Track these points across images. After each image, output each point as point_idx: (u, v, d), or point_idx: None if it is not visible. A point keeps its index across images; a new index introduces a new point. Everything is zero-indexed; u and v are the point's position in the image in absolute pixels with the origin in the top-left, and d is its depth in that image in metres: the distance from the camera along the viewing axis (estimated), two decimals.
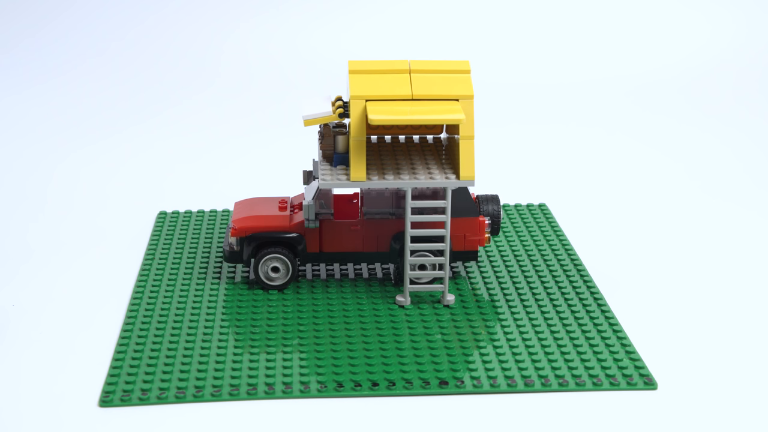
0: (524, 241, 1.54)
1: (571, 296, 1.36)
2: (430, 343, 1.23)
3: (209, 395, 1.12)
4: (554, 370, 1.17)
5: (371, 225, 1.36)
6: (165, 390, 1.12)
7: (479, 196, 1.40)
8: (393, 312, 1.31)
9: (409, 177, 1.27)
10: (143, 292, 1.36)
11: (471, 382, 1.14)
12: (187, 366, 1.17)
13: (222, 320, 1.28)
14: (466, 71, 1.29)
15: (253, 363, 1.18)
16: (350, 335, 1.24)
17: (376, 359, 1.19)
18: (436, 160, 1.32)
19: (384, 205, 1.37)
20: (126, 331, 1.25)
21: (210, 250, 1.49)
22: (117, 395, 1.11)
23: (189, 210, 1.65)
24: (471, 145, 1.26)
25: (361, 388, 1.13)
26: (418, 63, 1.30)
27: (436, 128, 1.41)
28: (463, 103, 1.26)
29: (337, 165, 1.31)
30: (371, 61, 1.29)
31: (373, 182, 1.26)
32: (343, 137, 1.31)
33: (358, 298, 1.34)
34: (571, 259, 1.48)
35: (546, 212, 1.65)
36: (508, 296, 1.36)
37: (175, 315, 1.29)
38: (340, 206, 1.37)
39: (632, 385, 1.15)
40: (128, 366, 1.17)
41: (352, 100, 1.25)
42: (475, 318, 1.29)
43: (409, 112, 1.23)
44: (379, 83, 1.27)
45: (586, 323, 1.28)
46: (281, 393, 1.12)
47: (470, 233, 1.36)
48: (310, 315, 1.30)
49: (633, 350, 1.21)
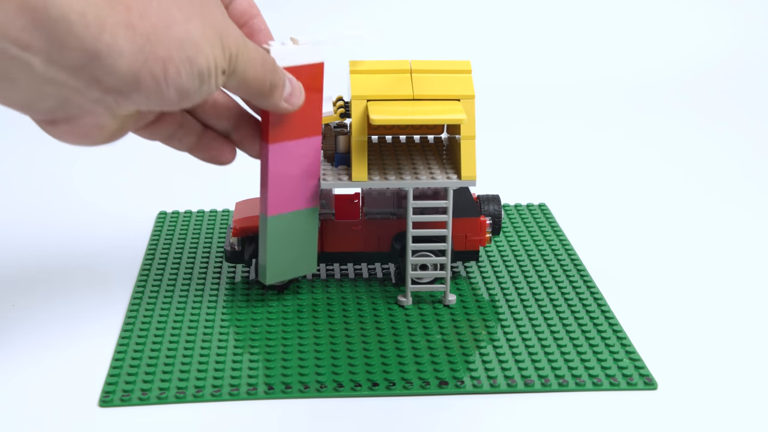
0: (524, 241, 1.54)
1: (571, 296, 1.36)
2: (429, 343, 1.23)
3: (209, 395, 1.12)
4: (554, 371, 1.17)
5: (372, 225, 1.36)
6: (165, 390, 1.12)
7: (480, 196, 1.41)
8: (393, 312, 1.31)
9: (411, 177, 1.27)
10: (143, 292, 1.36)
11: (471, 382, 1.14)
12: (187, 366, 1.17)
13: (222, 320, 1.28)
14: (467, 71, 1.29)
15: (253, 363, 1.18)
16: (350, 335, 1.24)
17: (376, 359, 1.19)
18: (438, 160, 1.32)
19: (385, 205, 1.36)
20: (126, 331, 1.25)
21: (210, 250, 1.49)
22: (117, 395, 1.11)
23: (189, 210, 1.65)
24: (472, 145, 1.26)
25: (360, 388, 1.13)
26: (419, 63, 1.30)
27: (437, 128, 1.41)
28: (464, 103, 1.26)
29: (338, 165, 1.31)
30: (372, 61, 1.29)
31: (375, 182, 1.26)
32: (344, 137, 1.31)
33: (358, 298, 1.34)
34: (571, 259, 1.48)
35: (546, 212, 1.65)
36: (508, 296, 1.36)
37: (175, 315, 1.29)
38: (341, 206, 1.37)
39: (632, 385, 1.14)
40: (128, 366, 1.17)
41: (353, 100, 1.25)
42: (475, 318, 1.29)
43: (411, 112, 1.23)
44: (381, 83, 1.27)
45: (586, 323, 1.28)
46: (281, 393, 1.12)
47: (471, 233, 1.36)
48: (310, 315, 1.30)
49: (633, 350, 1.21)
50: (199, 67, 0.94)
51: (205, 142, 1.17)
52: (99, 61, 0.87)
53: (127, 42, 0.88)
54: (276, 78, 1.09)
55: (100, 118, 0.95)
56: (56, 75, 0.87)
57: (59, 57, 0.85)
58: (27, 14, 0.82)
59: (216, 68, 0.96)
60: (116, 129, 0.99)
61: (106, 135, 0.98)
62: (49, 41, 0.84)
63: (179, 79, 0.93)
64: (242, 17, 1.15)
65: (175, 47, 0.91)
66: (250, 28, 1.15)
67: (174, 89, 0.93)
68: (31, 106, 0.91)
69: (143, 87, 0.91)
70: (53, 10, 0.83)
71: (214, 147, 1.17)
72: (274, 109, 1.13)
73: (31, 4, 0.82)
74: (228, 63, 0.98)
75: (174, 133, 1.14)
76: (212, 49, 0.95)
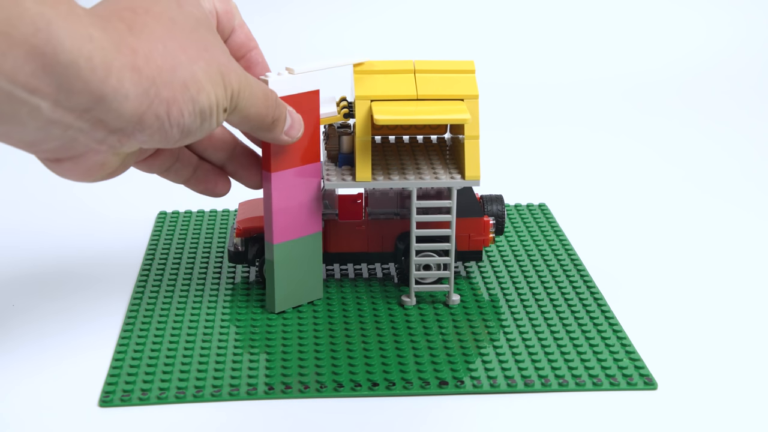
0: (524, 241, 1.54)
1: (571, 296, 1.36)
2: (429, 343, 1.23)
3: (209, 395, 1.11)
4: (554, 371, 1.17)
5: (376, 225, 1.36)
6: (165, 390, 1.12)
7: (483, 196, 1.41)
8: (393, 312, 1.31)
9: (415, 177, 1.27)
10: (143, 292, 1.36)
11: (471, 382, 1.14)
12: (187, 366, 1.17)
13: (222, 320, 1.28)
14: (471, 71, 1.29)
15: (253, 363, 1.18)
16: (350, 335, 1.24)
17: (376, 359, 1.19)
18: (441, 160, 1.32)
19: (388, 206, 1.36)
20: (126, 331, 1.25)
21: (210, 250, 1.49)
22: (117, 395, 1.11)
23: (189, 210, 1.65)
24: (476, 145, 1.26)
25: (360, 388, 1.13)
26: (422, 63, 1.29)
27: (440, 128, 1.41)
28: (468, 102, 1.26)
29: (341, 165, 1.31)
30: (376, 62, 1.29)
31: (379, 182, 1.26)
32: (347, 138, 1.31)
33: (358, 298, 1.34)
34: (571, 259, 1.48)
35: (546, 212, 1.65)
36: (508, 296, 1.36)
37: (175, 315, 1.29)
38: (344, 206, 1.37)
39: (632, 385, 1.14)
40: (128, 366, 1.17)
41: (357, 101, 1.25)
42: (475, 318, 1.29)
43: (414, 112, 1.23)
44: (384, 83, 1.27)
45: (586, 323, 1.28)
46: (281, 393, 1.12)
47: (475, 233, 1.36)
48: (309, 315, 1.30)
49: (633, 350, 1.21)
50: (201, 106, 0.96)
51: (201, 175, 1.20)
52: (105, 104, 0.88)
53: (133, 85, 0.89)
54: (278, 112, 1.12)
55: (103, 157, 0.97)
56: (62, 117, 0.88)
57: (66, 100, 0.86)
58: (37, 59, 0.83)
59: (217, 106, 0.98)
60: (118, 165, 1.01)
61: (108, 172, 1.01)
62: (58, 85, 0.85)
63: (182, 119, 0.95)
64: (240, 50, 1.17)
65: (180, 89, 0.93)
66: (248, 60, 1.18)
67: (177, 128, 0.95)
68: (37, 146, 0.92)
69: (147, 127, 0.93)
70: (63, 56, 0.84)
71: (209, 179, 1.21)
72: (274, 142, 1.16)
73: (40, 50, 0.82)
74: (230, 101, 1.01)
75: (170, 166, 1.16)
76: (214, 87, 0.97)
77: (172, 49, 0.94)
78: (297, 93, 1.19)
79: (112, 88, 0.87)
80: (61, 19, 0.83)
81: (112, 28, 0.89)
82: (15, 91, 0.83)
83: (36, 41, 0.82)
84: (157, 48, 0.92)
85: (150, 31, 0.93)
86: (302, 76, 1.19)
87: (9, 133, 0.89)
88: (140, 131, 0.93)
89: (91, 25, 0.87)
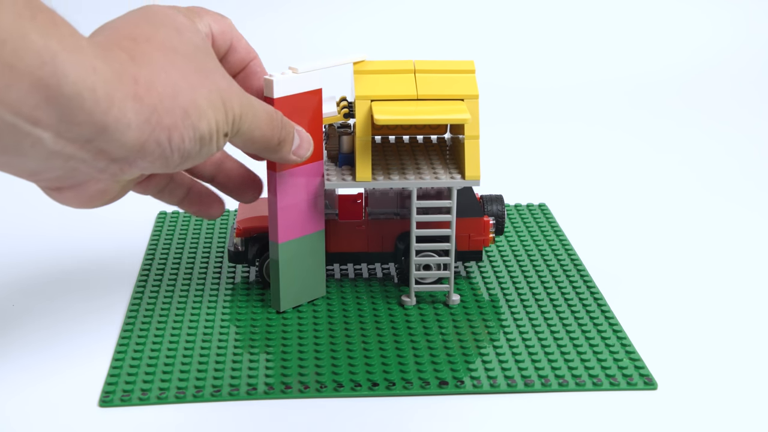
0: (524, 241, 1.54)
1: (571, 296, 1.36)
2: (429, 343, 1.23)
3: (209, 395, 1.11)
4: (554, 370, 1.17)
5: (376, 225, 1.36)
6: (165, 390, 1.12)
7: (483, 196, 1.41)
8: (393, 312, 1.31)
9: (415, 177, 1.27)
10: (143, 292, 1.36)
11: (471, 382, 1.14)
12: (187, 366, 1.17)
13: (222, 320, 1.28)
14: (471, 71, 1.29)
15: (253, 363, 1.18)
16: (350, 335, 1.24)
17: (376, 359, 1.19)
18: (441, 160, 1.32)
19: (388, 206, 1.36)
20: (126, 331, 1.25)
21: (210, 250, 1.49)
22: (117, 395, 1.11)
23: None
24: (476, 144, 1.26)
25: (360, 388, 1.13)
26: (422, 63, 1.29)
27: (440, 128, 1.41)
28: (468, 102, 1.26)
29: (341, 165, 1.31)
30: (376, 62, 1.29)
31: (379, 182, 1.26)
32: (347, 137, 1.31)
33: (358, 298, 1.34)
34: (571, 259, 1.48)
35: (546, 212, 1.65)
36: (508, 296, 1.36)
37: (175, 315, 1.29)
38: (344, 206, 1.37)
39: (632, 385, 1.14)
40: (128, 366, 1.17)
41: (357, 101, 1.25)
42: (475, 318, 1.29)
43: (415, 112, 1.23)
44: (384, 83, 1.27)
45: (586, 323, 1.28)
46: (281, 393, 1.12)
47: (475, 233, 1.36)
48: (309, 315, 1.30)
49: (633, 350, 1.21)
50: (201, 132, 0.96)
51: (194, 196, 1.21)
52: (107, 135, 0.89)
53: (135, 114, 0.89)
54: (284, 133, 1.12)
55: (104, 185, 0.98)
56: (64, 148, 0.88)
57: (69, 131, 0.86)
58: (41, 92, 0.83)
59: (217, 131, 0.99)
60: (118, 191, 1.02)
61: (108, 198, 1.01)
62: (60, 117, 0.85)
63: (183, 145, 0.95)
64: (240, 64, 1.17)
65: (181, 115, 0.94)
66: (248, 71, 1.18)
67: (178, 154, 0.95)
68: (38, 176, 0.93)
69: (149, 154, 0.93)
70: (67, 88, 0.83)
71: (203, 201, 1.22)
72: (283, 162, 1.16)
73: (44, 82, 0.82)
74: (231, 126, 1.01)
75: (165, 187, 1.18)
76: (215, 113, 0.98)
77: (173, 76, 0.94)
78: (300, 92, 1.19)
79: (114, 118, 0.88)
80: (67, 51, 0.83)
81: (113, 58, 0.89)
82: (19, 123, 0.83)
83: (41, 73, 0.82)
84: (158, 76, 0.93)
85: (151, 60, 0.93)
86: (305, 76, 1.20)
87: (10, 163, 0.89)
88: (142, 158, 0.93)
89: (95, 56, 0.87)
